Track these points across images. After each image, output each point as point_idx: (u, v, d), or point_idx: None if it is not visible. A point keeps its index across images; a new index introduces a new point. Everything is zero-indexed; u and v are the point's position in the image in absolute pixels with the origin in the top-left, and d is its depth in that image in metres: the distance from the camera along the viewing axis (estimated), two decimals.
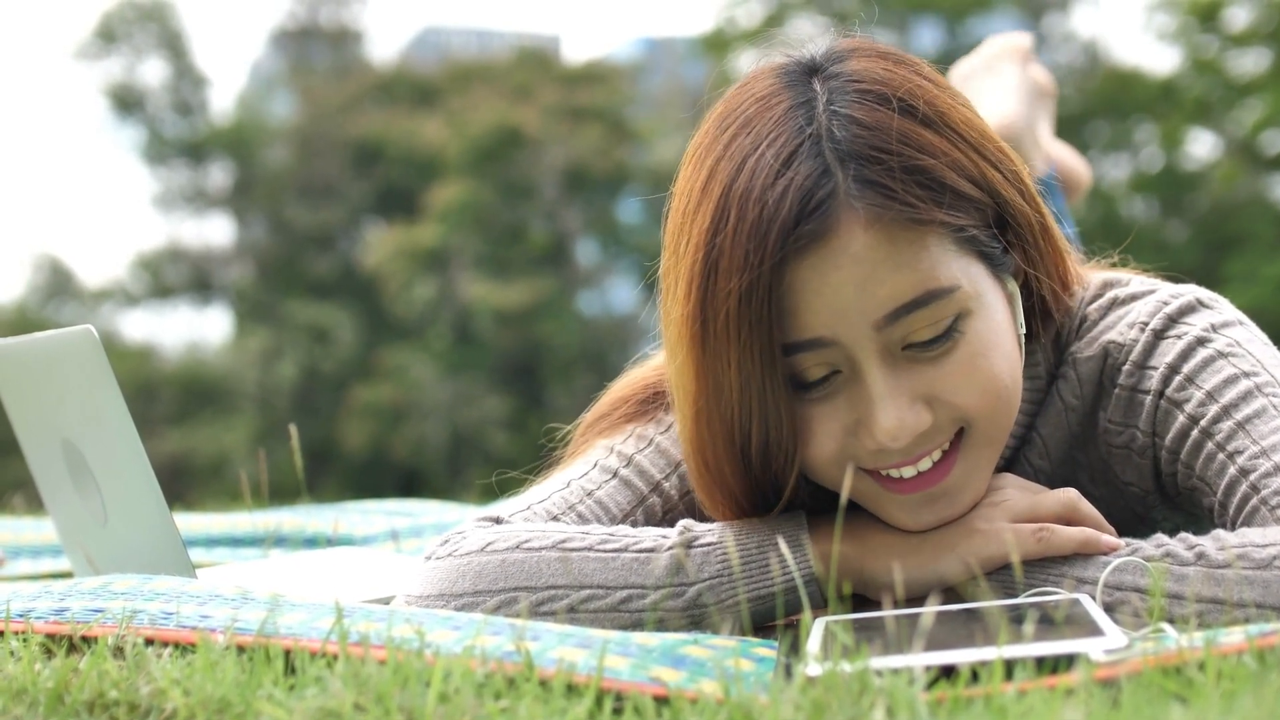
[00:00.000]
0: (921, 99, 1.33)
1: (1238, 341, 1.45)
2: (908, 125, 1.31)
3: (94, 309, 24.20)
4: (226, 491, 4.22)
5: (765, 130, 1.32)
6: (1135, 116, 17.62)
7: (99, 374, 1.63)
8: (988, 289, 1.35)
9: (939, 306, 1.30)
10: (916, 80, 1.35)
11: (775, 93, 1.35)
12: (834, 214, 1.27)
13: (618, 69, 26.27)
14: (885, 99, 1.32)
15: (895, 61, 1.38)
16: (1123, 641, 1.07)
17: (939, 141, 1.32)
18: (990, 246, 1.35)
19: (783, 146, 1.30)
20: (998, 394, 1.34)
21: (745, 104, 1.36)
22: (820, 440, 1.34)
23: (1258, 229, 15.88)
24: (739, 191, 1.30)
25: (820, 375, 1.32)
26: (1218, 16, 16.38)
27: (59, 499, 1.90)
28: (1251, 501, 1.35)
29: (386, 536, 2.52)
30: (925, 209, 1.29)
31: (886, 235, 1.28)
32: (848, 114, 1.31)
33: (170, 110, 25.21)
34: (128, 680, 1.13)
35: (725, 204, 1.30)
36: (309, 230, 24.52)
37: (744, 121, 1.34)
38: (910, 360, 1.32)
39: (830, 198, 1.28)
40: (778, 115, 1.33)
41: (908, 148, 1.30)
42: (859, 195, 1.28)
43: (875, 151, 1.29)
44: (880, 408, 1.31)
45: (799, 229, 1.27)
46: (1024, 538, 1.33)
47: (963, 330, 1.32)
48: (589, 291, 24.98)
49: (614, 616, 1.33)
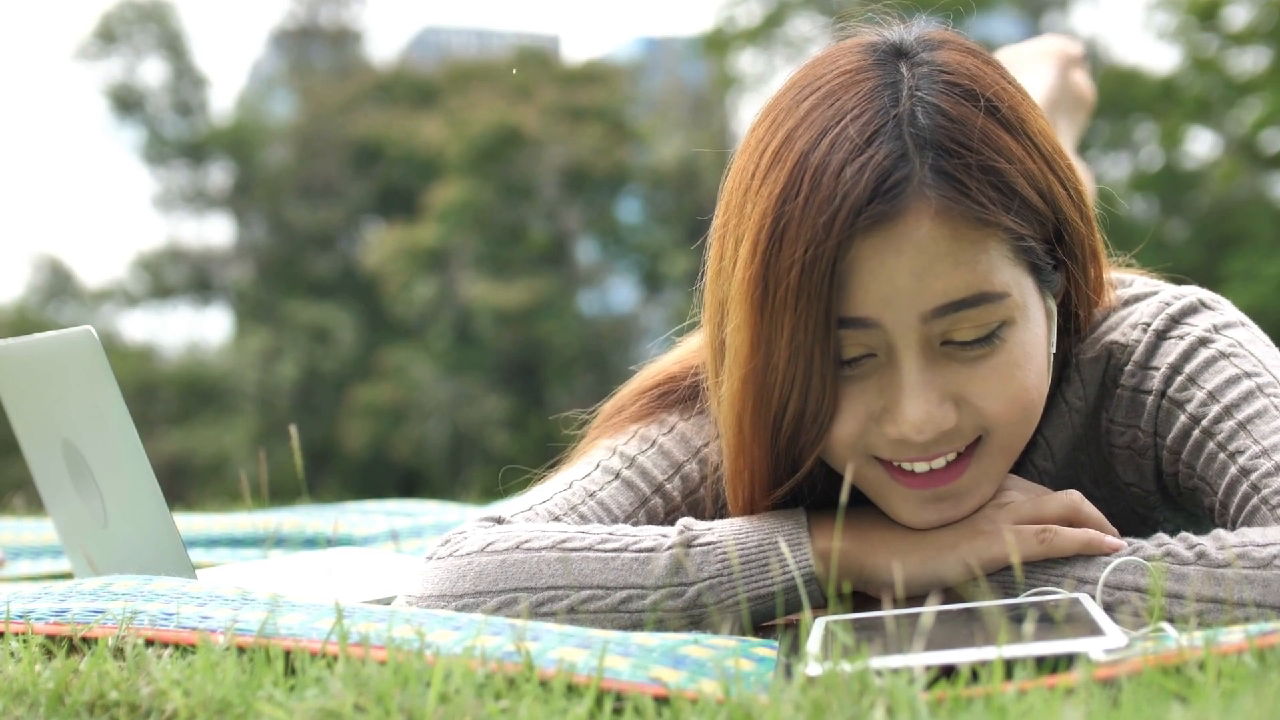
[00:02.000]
0: (1006, 102, 1.33)
1: (1239, 342, 1.45)
2: (990, 125, 1.31)
3: (94, 309, 24.21)
4: (227, 492, 4.23)
5: (849, 105, 1.31)
6: (1135, 115, 17.60)
7: (99, 375, 1.63)
8: (1033, 303, 1.35)
9: (987, 310, 1.30)
10: (1002, 82, 1.36)
11: (863, 69, 1.35)
12: (905, 199, 1.28)
13: (617, 69, 26.27)
14: (973, 95, 1.32)
15: (984, 60, 1.38)
16: (1123, 641, 1.07)
17: (1016, 147, 1.32)
18: (1043, 261, 1.36)
19: (866, 124, 1.30)
20: (1024, 406, 1.34)
21: (829, 75, 1.36)
22: (844, 420, 1.34)
23: (1258, 228, 15.87)
24: (815, 162, 1.29)
25: (855, 355, 1.32)
26: (1217, 15, 16.37)
27: (59, 500, 1.90)
28: (1252, 501, 1.35)
29: (386, 537, 2.52)
30: (993, 211, 1.29)
31: (951, 229, 1.28)
32: (934, 102, 1.31)
33: (170, 110, 25.22)
34: (128, 681, 1.13)
35: (800, 172, 1.30)
36: (309, 230, 24.52)
37: (827, 92, 1.34)
38: (947, 357, 1.32)
39: (905, 182, 1.28)
40: (864, 92, 1.32)
41: (987, 147, 1.30)
42: (933, 185, 1.28)
43: (955, 145, 1.29)
44: (909, 398, 1.31)
45: (870, 208, 1.27)
46: (1027, 539, 1.33)
47: (1004, 338, 1.32)
48: (589, 291, 24.98)
49: (614, 617, 1.33)
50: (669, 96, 25.74)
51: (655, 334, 2.22)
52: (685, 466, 1.55)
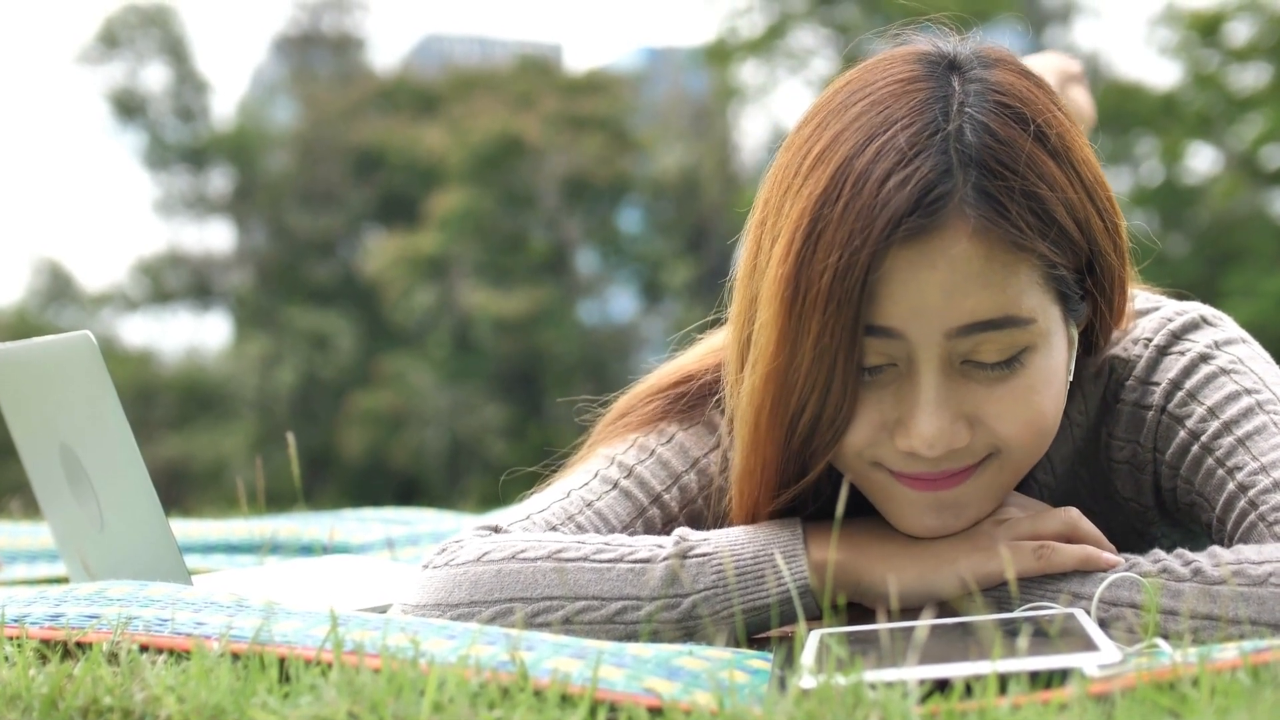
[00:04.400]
0: (1055, 129, 1.33)
1: (1240, 359, 1.45)
2: (1037, 151, 1.31)
3: (94, 313, 24.21)
4: (224, 497, 4.22)
5: (899, 113, 1.31)
6: (1136, 130, 17.61)
7: (97, 380, 1.63)
8: (1057, 330, 1.35)
9: (1013, 333, 1.30)
10: (1053, 109, 1.35)
11: (915, 79, 1.35)
12: (945, 215, 1.27)
13: (619, 78, 26.27)
14: (1023, 118, 1.32)
15: (1036, 84, 1.37)
16: (1117, 657, 1.07)
17: (1060, 175, 1.32)
18: (1073, 291, 1.36)
19: (915, 135, 1.29)
20: (1039, 431, 1.35)
21: (881, 81, 1.35)
22: (857, 427, 1.34)
23: (1258, 243, 15.88)
24: (859, 168, 1.29)
25: (876, 364, 1.32)
26: (1219, 31, 16.39)
27: (56, 504, 1.90)
28: (1249, 518, 1.35)
29: (383, 545, 2.52)
30: (1030, 237, 1.29)
31: (986, 250, 1.28)
32: (983, 121, 1.31)
33: (172, 115, 25.23)
34: (122, 687, 1.13)
35: (842, 176, 1.30)
36: (309, 237, 24.52)
37: (877, 99, 1.33)
38: (965, 377, 1.32)
39: (946, 197, 1.28)
40: (915, 102, 1.32)
41: (1031, 172, 1.30)
42: (974, 204, 1.28)
43: (1000, 166, 1.29)
44: (925, 412, 1.31)
45: (908, 220, 1.27)
46: (1024, 555, 1.33)
47: (1025, 363, 1.32)
48: (589, 300, 24.98)
49: (609, 628, 1.33)
50: (671, 107, 25.75)
51: (655, 344, 2.23)
52: (684, 477, 1.55)
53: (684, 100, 25.51)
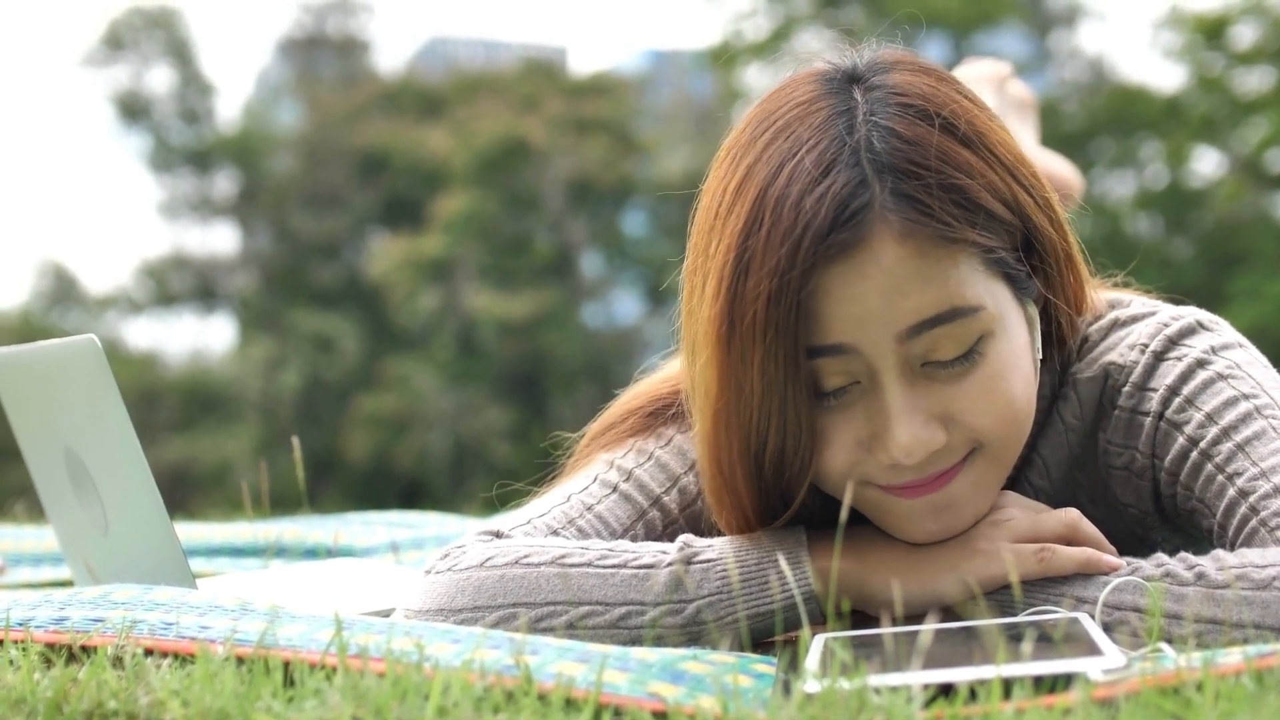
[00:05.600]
0: (963, 118, 1.33)
1: (1238, 364, 1.45)
2: (947, 143, 1.31)
3: (98, 316, 24.23)
4: (228, 500, 4.22)
5: (805, 136, 1.32)
6: (1140, 133, 17.62)
7: (101, 383, 1.63)
8: (1010, 311, 1.35)
9: (963, 324, 1.30)
10: (958, 99, 1.36)
11: (816, 99, 1.35)
12: (868, 225, 1.27)
13: (624, 81, 26.28)
14: (927, 115, 1.32)
15: (938, 78, 1.38)
16: (1121, 661, 1.07)
17: (976, 162, 1.32)
18: (1016, 269, 1.36)
19: (822, 154, 1.30)
20: (1013, 417, 1.34)
21: (784, 108, 1.36)
22: (834, 451, 1.34)
23: (1262, 247, 15.87)
24: (775, 195, 1.29)
25: (839, 385, 1.32)
26: (1224, 34, 16.38)
27: (60, 507, 1.90)
28: (1251, 523, 1.35)
29: (387, 548, 2.52)
30: (958, 228, 1.29)
31: (918, 250, 1.28)
32: (889, 126, 1.31)
33: (176, 118, 25.24)
34: (127, 691, 1.13)
35: (760, 206, 1.30)
36: (314, 239, 24.53)
37: (783, 125, 1.34)
38: (929, 378, 1.32)
39: (866, 208, 1.27)
40: (818, 122, 1.32)
41: (946, 166, 1.30)
42: (894, 208, 1.28)
43: (914, 166, 1.29)
44: (897, 423, 1.31)
45: (832, 237, 1.27)
46: (1025, 558, 1.33)
47: (983, 352, 1.32)
48: (593, 303, 24.99)
49: (613, 633, 1.33)
50: (675, 110, 25.74)
51: (658, 347, 2.24)
52: (683, 479, 1.55)
53: (688, 103, 25.50)
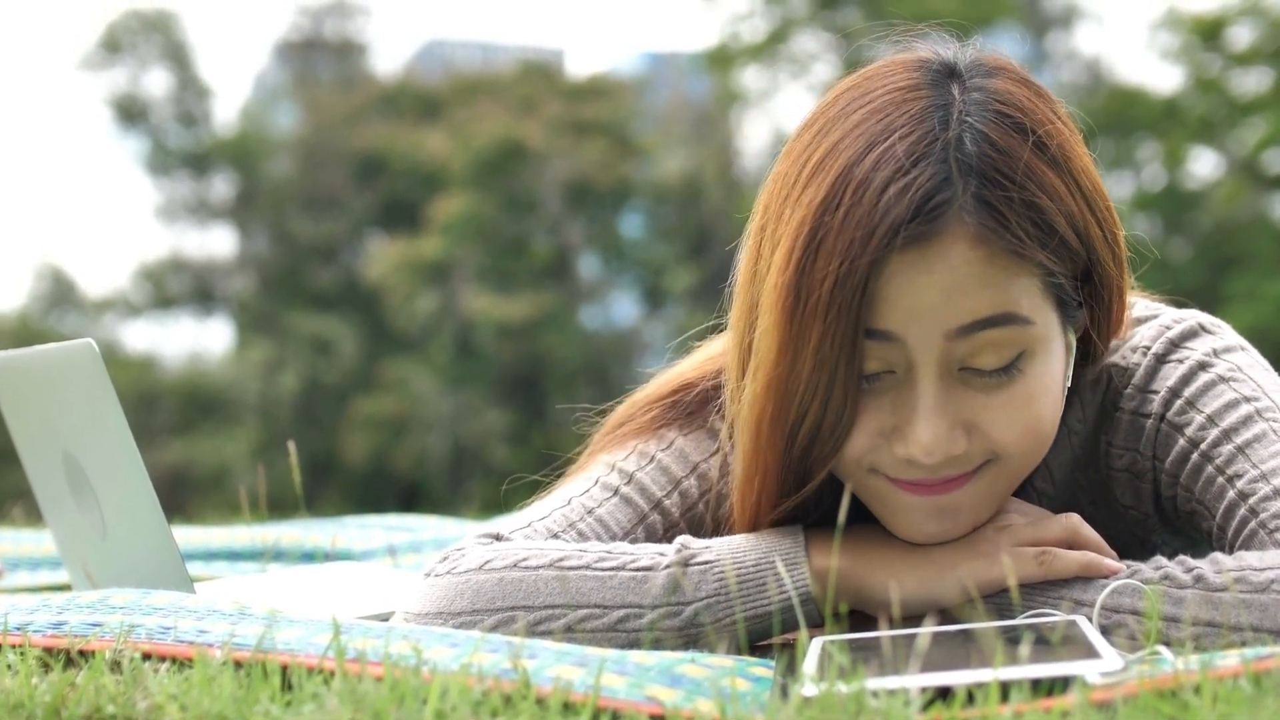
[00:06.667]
0: (1055, 138, 1.33)
1: (1239, 366, 1.45)
2: (1036, 160, 1.31)
3: (96, 319, 24.21)
4: (227, 503, 4.22)
5: (898, 122, 1.31)
6: (1138, 135, 17.62)
7: (99, 388, 1.63)
8: (1056, 336, 1.35)
9: (1011, 332, 1.30)
10: (1053, 119, 1.35)
11: (915, 87, 1.35)
12: (944, 223, 1.28)
13: (621, 83, 26.26)
14: (1022, 128, 1.32)
15: (1037, 93, 1.37)
16: (1119, 664, 1.07)
17: (1060, 185, 1.32)
18: (1070, 298, 1.36)
19: (914, 144, 1.30)
20: (1036, 438, 1.35)
21: (882, 89, 1.35)
22: (856, 435, 1.34)
23: (1260, 248, 15.88)
24: (859, 177, 1.29)
25: (874, 370, 1.32)
26: (1221, 35, 16.40)
27: (58, 511, 1.90)
28: (1250, 525, 1.35)
29: (385, 552, 2.52)
30: (1029, 246, 1.29)
31: (987, 256, 1.28)
32: (983, 130, 1.31)
33: (174, 121, 25.23)
34: (125, 695, 1.13)
35: (843, 184, 1.30)
36: (312, 242, 24.52)
37: (878, 107, 1.34)
38: (964, 384, 1.32)
39: (945, 206, 1.28)
40: (914, 110, 1.32)
41: (1030, 182, 1.30)
42: (973, 212, 1.28)
43: (1000, 176, 1.29)
44: (923, 419, 1.31)
45: (908, 228, 1.27)
46: (1025, 561, 1.34)
47: (1023, 369, 1.32)
48: (591, 305, 24.98)
49: (611, 636, 1.33)
50: (673, 112, 25.74)
51: (657, 349, 2.24)
52: (684, 482, 1.55)
53: (686, 105, 25.50)
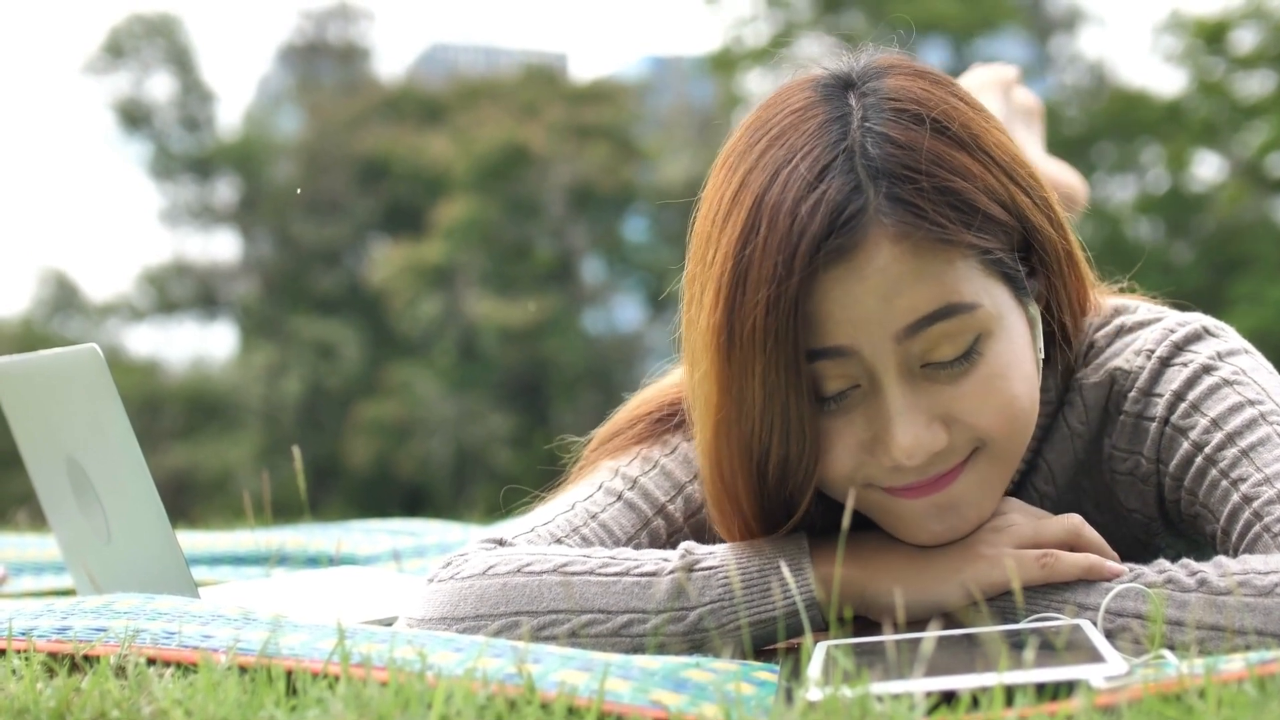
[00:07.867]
0: (956, 120, 1.34)
1: (1243, 370, 1.45)
2: (941, 146, 1.32)
3: (99, 323, 24.23)
4: (231, 507, 4.22)
5: (799, 143, 1.32)
6: (1141, 138, 17.62)
7: (103, 392, 1.63)
8: (1010, 311, 1.35)
9: (959, 321, 1.30)
10: (952, 101, 1.36)
11: (811, 105, 1.36)
12: (863, 230, 1.28)
13: (624, 87, 26.28)
14: (919, 119, 1.33)
15: (932, 81, 1.38)
16: (1123, 668, 1.07)
17: (971, 164, 1.33)
18: (1015, 270, 1.36)
19: (816, 160, 1.30)
20: (1015, 416, 1.35)
21: (780, 115, 1.37)
22: (837, 455, 1.34)
23: (1263, 251, 15.87)
24: (771, 203, 1.30)
25: (839, 389, 1.33)
26: (1224, 39, 16.39)
27: (62, 516, 1.90)
28: (1254, 529, 1.35)
29: (389, 556, 2.52)
30: (954, 230, 1.30)
31: (913, 251, 1.29)
32: (882, 131, 1.31)
33: (177, 125, 25.25)
34: (129, 700, 1.13)
35: (756, 214, 1.30)
36: (315, 246, 24.52)
37: (778, 133, 1.35)
38: (929, 379, 1.32)
39: (860, 213, 1.28)
40: (812, 129, 1.33)
41: (939, 168, 1.31)
42: (889, 213, 1.28)
43: (907, 170, 1.30)
44: (898, 424, 1.31)
45: (828, 243, 1.27)
46: (1027, 564, 1.33)
47: (982, 351, 1.33)
48: (594, 309, 24.98)
49: (615, 641, 1.33)
50: (676, 116, 25.74)
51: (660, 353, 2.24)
52: (688, 487, 1.55)
53: (689, 109, 25.51)
